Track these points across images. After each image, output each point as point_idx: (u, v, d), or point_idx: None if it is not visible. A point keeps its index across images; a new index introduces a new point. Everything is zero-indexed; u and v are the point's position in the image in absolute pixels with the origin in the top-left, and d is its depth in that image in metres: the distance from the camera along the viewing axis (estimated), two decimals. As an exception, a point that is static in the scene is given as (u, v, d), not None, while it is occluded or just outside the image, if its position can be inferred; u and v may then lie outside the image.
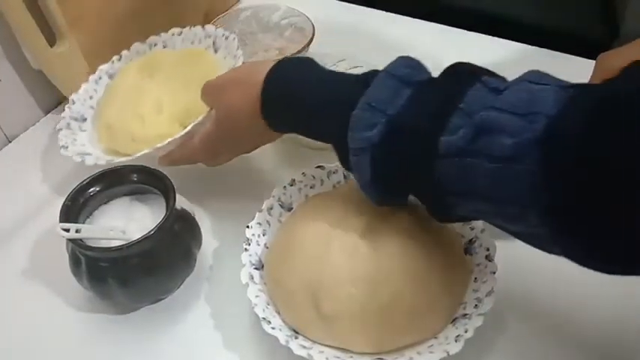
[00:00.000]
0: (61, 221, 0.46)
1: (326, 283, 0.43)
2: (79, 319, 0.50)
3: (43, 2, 0.62)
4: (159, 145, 0.53)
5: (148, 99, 0.60)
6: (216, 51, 0.66)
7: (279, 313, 0.45)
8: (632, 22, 0.89)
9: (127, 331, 0.49)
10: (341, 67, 0.68)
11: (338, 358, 0.42)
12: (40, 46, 0.64)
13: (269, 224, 0.51)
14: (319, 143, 0.62)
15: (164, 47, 0.69)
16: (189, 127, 0.54)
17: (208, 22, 0.86)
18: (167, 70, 0.63)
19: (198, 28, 0.67)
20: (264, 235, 0.50)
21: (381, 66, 0.64)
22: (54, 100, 0.73)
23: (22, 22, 0.61)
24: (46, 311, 0.51)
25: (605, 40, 0.87)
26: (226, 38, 0.65)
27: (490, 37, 0.79)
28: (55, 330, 0.50)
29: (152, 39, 0.69)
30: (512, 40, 0.78)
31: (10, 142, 0.69)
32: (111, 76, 0.67)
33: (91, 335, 0.49)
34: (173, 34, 0.69)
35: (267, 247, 0.49)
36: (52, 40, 0.65)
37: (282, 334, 0.42)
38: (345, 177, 0.54)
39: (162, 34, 0.69)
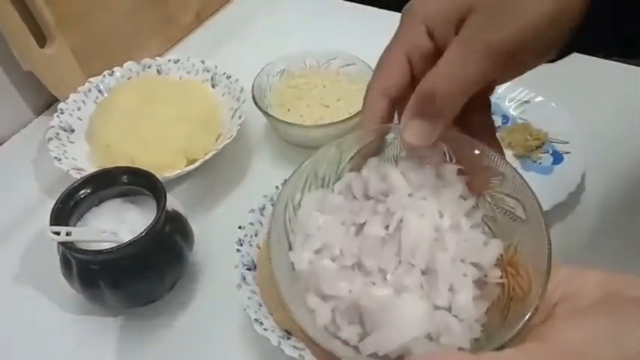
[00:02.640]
0: (51, 224, 0.46)
1: (318, 284, 0.43)
2: (70, 322, 0.50)
3: (31, 2, 0.61)
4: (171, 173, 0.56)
5: (151, 125, 0.60)
6: (213, 86, 0.67)
7: (271, 314, 0.45)
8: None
9: (119, 334, 0.49)
10: (334, 65, 0.68)
11: (330, 358, 0.42)
12: (30, 47, 0.63)
13: (261, 224, 0.51)
14: (310, 142, 0.63)
15: (158, 72, 0.69)
16: (198, 163, 0.57)
17: (201, 22, 0.86)
18: (168, 99, 0.63)
19: (197, 60, 0.68)
20: (256, 235, 0.50)
21: (374, 63, 0.65)
22: (45, 101, 0.72)
23: (11, 22, 0.61)
24: (38, 314, 0.51)
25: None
26: (228, 77, 0.66)
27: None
28: (47, 333, 0.50)
29: (146, 61, 0.69)
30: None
31: (1, 144, 0.69)
32: (101, 91, 0.66)
33: (83, 338, 0.49)
34: (169, 60, 0.69)
35: (260, 248, 0.49)
36: (41, 41, 0.65)
37: (274, 335, 0.42)
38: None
39: (158, 58, 0.69)
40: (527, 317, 0.31)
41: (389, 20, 0.85)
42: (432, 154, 0.40)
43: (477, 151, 0.38)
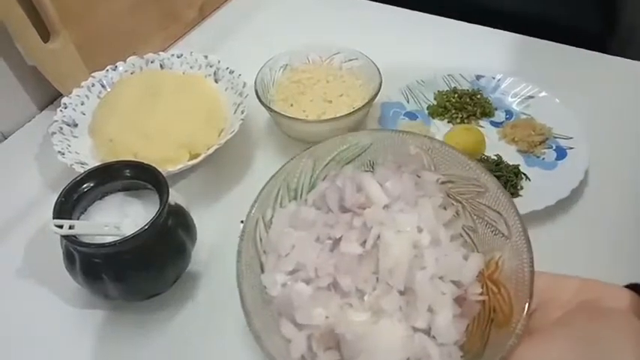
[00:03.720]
0: (54, 217, 0.46)
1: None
2: (73, 316, 0.50)
3: (36, -3, 0.62)
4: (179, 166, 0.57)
5: (154, 120, 0.60)
6: (216, 81, 0.67)
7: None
8: (632, 13, 0.88)
9: (122, 327, 0.49)
10: (337, 60, 0.68)
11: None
12: (34, 42, 0.64)
13: (264, 219, 0.50)
14: (313, 137, 0.63)
15: (161, 67, 0.69)
16: (201, 157, 0.57)
17: (204, 17, 0.86)
18: (171, 93, 0.63)
19: (200, 55, 0.69)
20: (258, 229, 0.50)
21: (377, 58, 0.65)
22: (48, 96, 0.73)
23: (15, 17, 0.61)
24: (41, 308, 0.51)
25: (603, 31, 0.86)
26: (231, 72, 0.67)
27: (488, 28, 0.79)
28: (50, 326, 0.50)
29: (149, 56, 0.69)
30: (510, 31, 0.78)
31: (5, 138, 0.69)
32: (104, 85, 0.66)
33: (86, 331, 0.49)
34: (172, 55, 0.69)
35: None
36: (45, 36, 0.65)
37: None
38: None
39: (161, 53, 0.69)
40: (507, 348, 0.30)
41: (392, 15, 0.86)
42: (410, 162, 0.39)
43: (459, 162, 0.37)
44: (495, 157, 0.59)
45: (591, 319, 0.30)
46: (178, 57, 0.69)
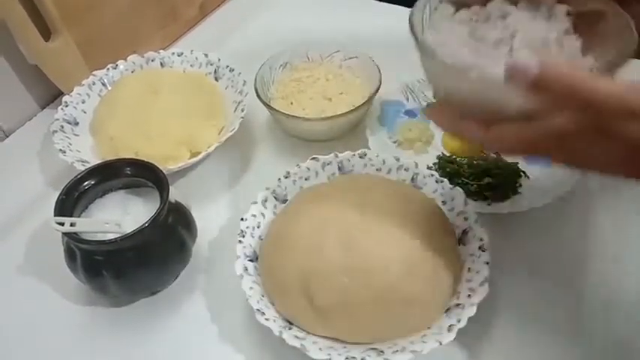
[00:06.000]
0: (55, 215, 0.46)
1: (319, 274, 0.43)
2: (74, 313, 0.51)
3: (36, -4, 0.62)
4: (177, 165, 0.57)
5: (154, 118, 0.60)
6: (217, 79, 0.68)
7: (273, 304, 0.46)
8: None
9: (123, 324, 0.50)
10: (336, 58, 0.68)
11: (331, 348, 0.42)
12: (35, 40, 0.64)
13: (263, 216, 0.51)
14: (313, 135, 0.63)
15: (161, 65, 0.69)
16: (201, 155, 0.58)
17: (204, 15, 0.86)
18: (171, 92, 0.63)
19: (200, 53, 0.69)
20: (258, 227, 0.50)
21: (377, 57, 0.65)
22: (50, 94, 0.73)
23: (16, 16, 0.61)
24: (42, 305, 0.51)
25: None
26: (231, 71, 0.67)
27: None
28: (52, 324, 0.50)
29: (150, 54, 0.69)
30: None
31: (7, 136, 0.69)
32: (105, 84, 0.67)
33: (87, 329, 0.50)
34: (173, 54, 0.69)
35: (262, 239, 0.50)
36: (46, 34, 0.65)
37: (275, 325, 0.43)
38: (339, 169, 0.54)
39: (161, 51, 0.70)
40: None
41: (392, 14, 0.86)
42: None
43: None
44: (495, 155, 0.59)
45: None
46: (179, 55, 0.69)
